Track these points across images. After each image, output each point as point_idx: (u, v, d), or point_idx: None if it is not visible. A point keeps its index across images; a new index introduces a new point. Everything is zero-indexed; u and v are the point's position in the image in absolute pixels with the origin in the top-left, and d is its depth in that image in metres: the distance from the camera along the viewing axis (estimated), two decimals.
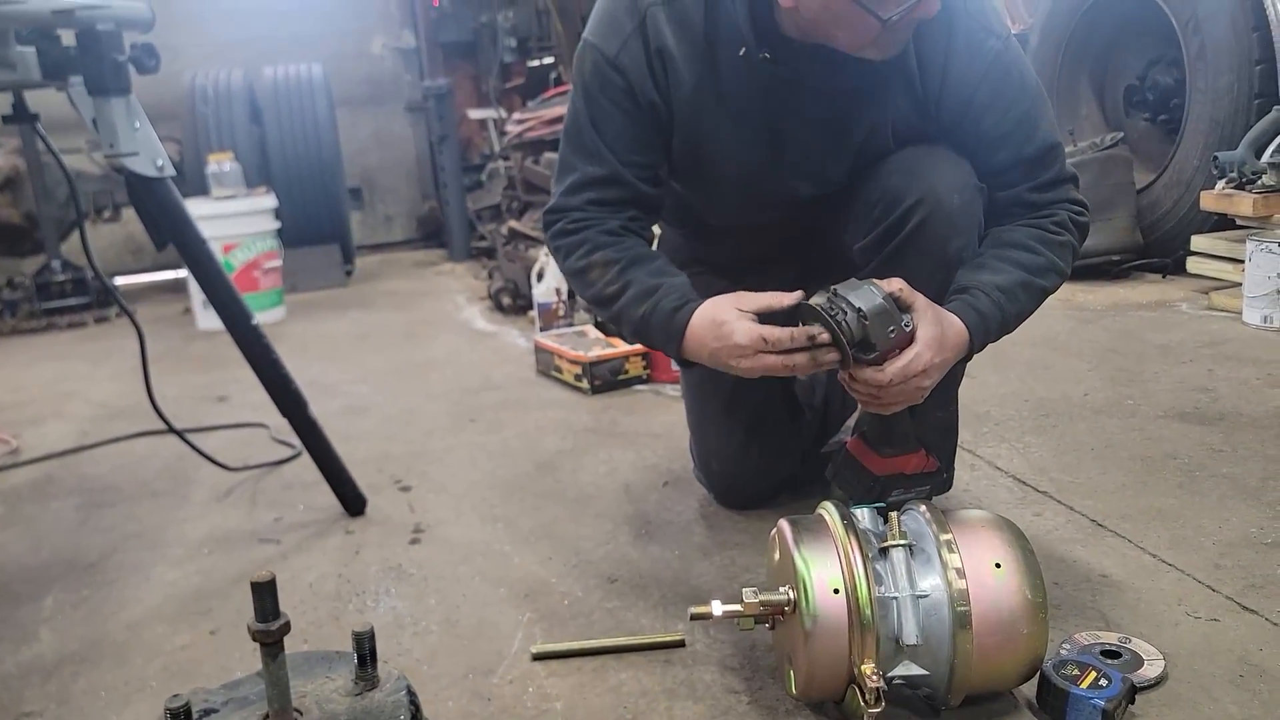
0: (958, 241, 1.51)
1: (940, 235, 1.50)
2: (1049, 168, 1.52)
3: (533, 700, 1.38)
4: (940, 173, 1.51)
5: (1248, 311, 2.97)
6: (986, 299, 1.45)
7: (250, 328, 1.97)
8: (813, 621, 1.19)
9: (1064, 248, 1.51)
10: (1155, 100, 4.01)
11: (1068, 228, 1.52)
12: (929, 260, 1.51)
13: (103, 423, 2.95)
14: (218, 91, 5.13)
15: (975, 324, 1.44)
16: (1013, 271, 1.47)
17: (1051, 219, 1.51)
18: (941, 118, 1.52)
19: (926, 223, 1.49)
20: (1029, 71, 1.52)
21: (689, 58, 1.51)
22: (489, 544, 1.91)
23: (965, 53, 1.46)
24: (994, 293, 1.45)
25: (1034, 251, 1.49)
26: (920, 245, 1.51)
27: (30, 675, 1.57)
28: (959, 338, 1.43)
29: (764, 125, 1.55)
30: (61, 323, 4.71)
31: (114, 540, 2.07)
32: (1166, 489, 1.89)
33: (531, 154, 4.51)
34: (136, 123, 1.81)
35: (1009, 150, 1.51)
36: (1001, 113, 1.49)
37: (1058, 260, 1.50)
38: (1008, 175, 1.52)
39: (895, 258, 1.53)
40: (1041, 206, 1.52)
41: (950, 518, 1.27)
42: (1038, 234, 1.50)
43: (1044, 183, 1.52)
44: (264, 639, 0.97)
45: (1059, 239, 1.50)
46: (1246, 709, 1.24)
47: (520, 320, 3.97)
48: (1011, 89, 1.49)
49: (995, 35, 1.47)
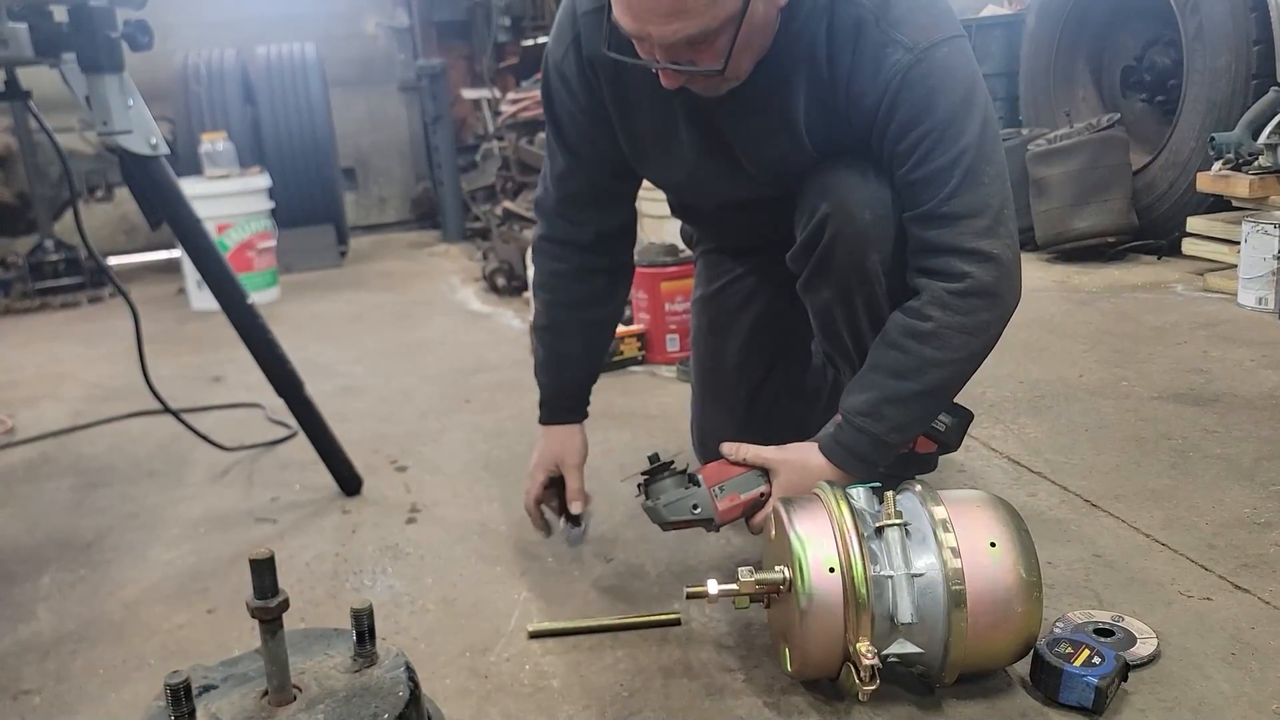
0: (874, 256, 1.47)
1: (854, 249, 1.47)
2: (941, 197, 1.35)
3: (529, 678, 1.39)
4: (851, 188, 1.45)
5: (1243, 293, 2.98)
6: (851, 430, 1.43)
7: (246, 307, 1.97)
8: (808, 600, 1.19)
9: (936, 336, 1.37)
10: (1152, 81, 4.01)
11: (941, 305, 1.37)
12: (849, 274, 1.50)
13: (97, 403, 2.95)
14: (211, 71, 5.10)
15: (844, 460, 1.43)
16: (878, 384, 1.41)
17: (923, 298, 1.39)
18: (856, 128, 1.42)
19: (839, 237, 1.47)
20: (948, 90, 1.34)
21: (612, 66, 1.49)
22: (485, 524, 1.91)
23: (869, 64, 1.36)
24: (857, 419, 1.42)
25: (903, 350, 1.40)
26: (837, 259, 1.50)
27: (28, 653, 1.57)
28: (828, 476, 1.42)
29: (689, 132, 1.53)
30: (55, 303, 4.69)
31: (110, 520, 2.07)
32: (1160, 469, 1.90)
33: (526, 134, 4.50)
34: (130, 100, 1.80)
35: (902, 172, 1.39)
36: (901, 130, 1.36)
37: (934, 353, 1.38)
38: (903, 197, 1.41)
39: (819, 269, 1.54)
40: (925, 249, 1.40)
41: (945, 497, 1.27)
42: (907, 326, 1.40)
43: (930, 214, 1.37)
44: (263, 616, 0.97)
45: (926, 327, 1.37)
46: (1238, 686, 1.25)
47: (515, 301, 3.96)
48: (914, 106, 1.34)
49: (905, 48, 1.34)
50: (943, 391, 1.45)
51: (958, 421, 1.59)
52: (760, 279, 1.85)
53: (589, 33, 1.50)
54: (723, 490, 1.50)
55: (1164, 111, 3.93)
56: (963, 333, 1.38)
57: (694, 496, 1.50)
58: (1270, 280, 2.89)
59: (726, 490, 1.50)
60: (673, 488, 1.51)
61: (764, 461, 1.49)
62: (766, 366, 1.86)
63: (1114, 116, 3.77)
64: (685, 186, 1.66)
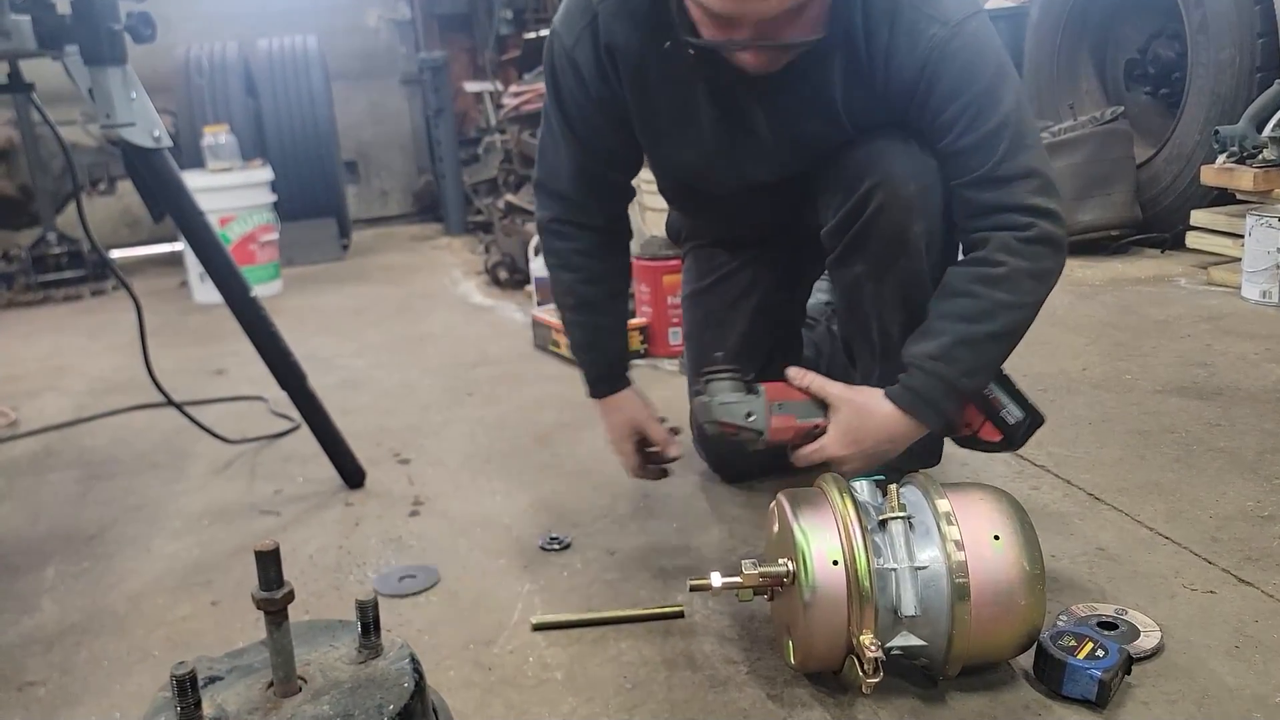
0: (917, 227, 1.49)
1: (898, 221, 1.49)
2: (994, 161, 1.40)
3: (533, 670, 1.39)
4: (896, 159, 1.48)
5: (1246, 286, 2.97)
6: (921, 375, 1.43)
7: (249, 300, 1.97)
8: (812, 593, 1.19)
9: (1008, 280, 1.41)
10: (1156, 74, 3.99)
11: (1011, 252, 1.40)
12: (891, 247, 1.51)
13: (100, 396, 2.95)
14: (212, 64, 5.09)
15: (912, 403, 1.43)
16: (950, 329, 1.42)
17: (988, 247, 1.42)
18: (894, 104, 1.46)
19: (884, 209, 1.49)
20: (984, 60, 1.41)
21: (636, 52, 1.51)
22: (488, 516, 1.91)
23: (906, 40, 1.40)
24: (928, 363, 1.42)
25: (973, 296, 1.42)
26: (879, 231, 1.51)
27: (32, 645, 1.57)
28: (891, 426, 1.44)
29: (710, 114, 1.55)
30: (58, 296, 4.69)
31: (113, 512, 2.08)
32: (1164, 463, 1.90)
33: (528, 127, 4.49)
34: (133, 93, 1.80)
35: (950, 141, 1.43)
36: (944, 101, 1.41)
37: (1006, 296, 1.41)
38: (950, 166, 1.45)
39: (856, 243, 1.55)
40: (982, 211, 1.43)
41: (949, 490, 1.27)
42: (976, 273, 1.43)
43: (985, 178, 1.41)
44: (268, 607, 0.97)
45: (998, 272, 1.41)
46: (1242, 679, 1.25)
47: (517, 294, 3.96)
48: (954, 77, 1.39)
49: (940, 22, 1.38)
50: (1012, 336, 1.45)
51: (1029, 420, 1.53)
52: (757, 272, 1.86)
53: (609, 19, 1.51)
54: (782, 408, 1.47)
55: (1168, 105, 3.92)
56: (1031, 278, 1.42)
57: (750, 404, 1.47)
58: (1274, 274, 2.88)
59: (786, 410, 1.48)
60: (730, 390, 1.48)
61: (827, 395, 1.48)
62: (765, 357, 1.86)
63: (1118, 110, 3.76)
64: (700, 170, 1.65)
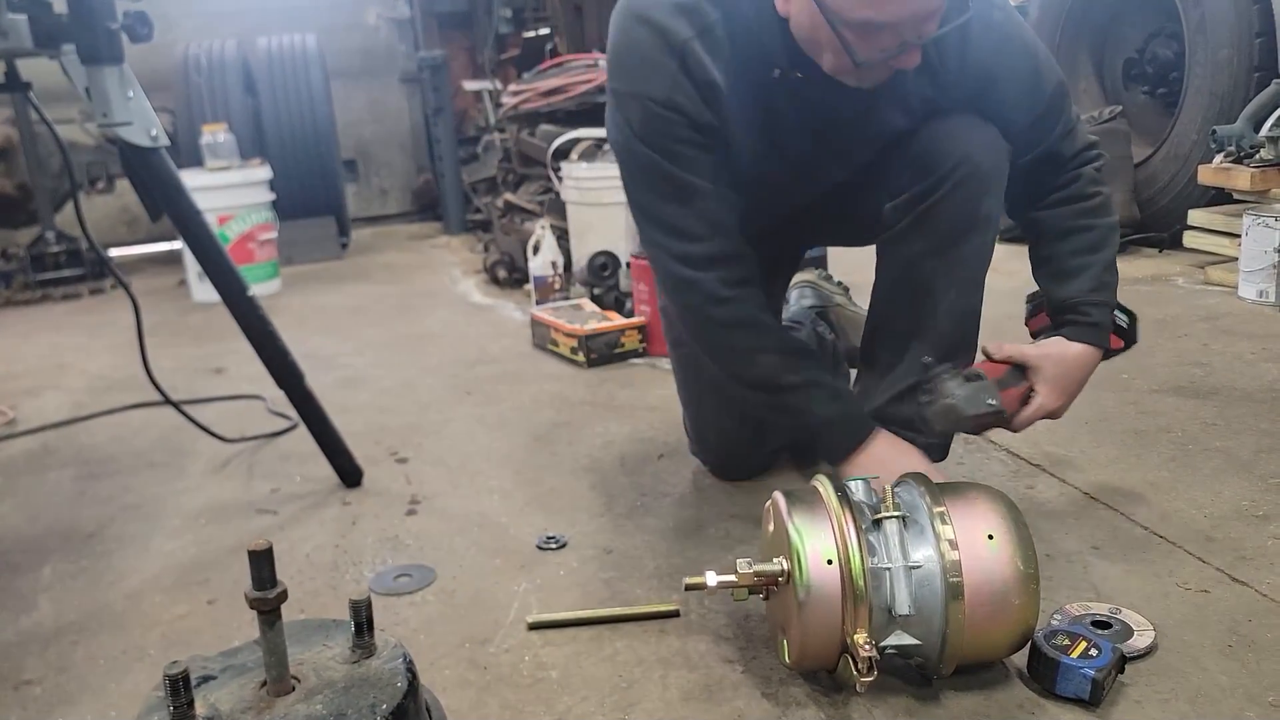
0: (989, 201, 1.62)
1: (974, 195, 1.61)
2: (1062, 113, 1.63)
3: (529, 669, 1.39)
4: (973, 137, 1.60)
5: (1243, 286, 2.98)
6: (1090, 307, 1.61)
7: (246, 299, 1.97)
8: (806, 592, 1.20)
9: (1104, 205, 1.64)
10: (1154, 73, 3.99)
11: (1096, 182, 1.64)
12: (961, 220, 1.62)
13: (99, 394, 2.95)
14: (211, 62, 5.08)
15: (1096, 337, 1.61)
16: (1090, 262, 1.61)
17: (1079, 184, 1.63)
18: (964, 91, 1.59)
19: (963, 184, 1.59)
20: (1024, 26, 1.64)
21: (728, 87, 1.54)
22: (485, 515, 1.91)
23: (980, 32, 1.52)
24: (1091, 296, 1.61)
25: (1089, 229, 1.63)
26: (954, 205, 1.61)
27: (29, 644, 1.58)
28: (1087, 362, 1.61)
29: (801, 135, 1.63)
30: (56, 294, 4.69)
31: (111, 511, 2.08)
32: (1159, 462, 1.90)
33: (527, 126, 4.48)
34: (130, 92, 1.80)
35: (1024, 110, 1.60)
36: (1014, 78, 1.59)
37: (1109, 219, 1.64)
38: (1029, 135, 1.62)
39: (926, 216, 1.63)
40: (1068, 158, 1.63)
41: (943, 490, 1.27)
42: (1080, 208, 1.63)
43: (1063, 133, 1.63)
44: (261, 607, 0.98)
45: (1095, 201, 1.63)
46: (1235, 679, 1.25)
47: (516, 293, 3.96)
48: (1017, 53, 1.59)
49: (996, 6, 1.56)
50: (1117, 249, 1.66)
51: (1133, 316, 1.69)
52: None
53: (698, 60, 1.50)
54: (1001, 384, 1.53)
55: (1165, 104, 3.92)
56: (1111, 202, 1.67)
57: (985, 390, 1.51)
58: (1271, 273, 2.88)
59: (1003, 384, 1.54)
60: (957, 386, 1.51)
61: (1025, 358, 1.60)
62: None
63: (1116, 109, 3.76)
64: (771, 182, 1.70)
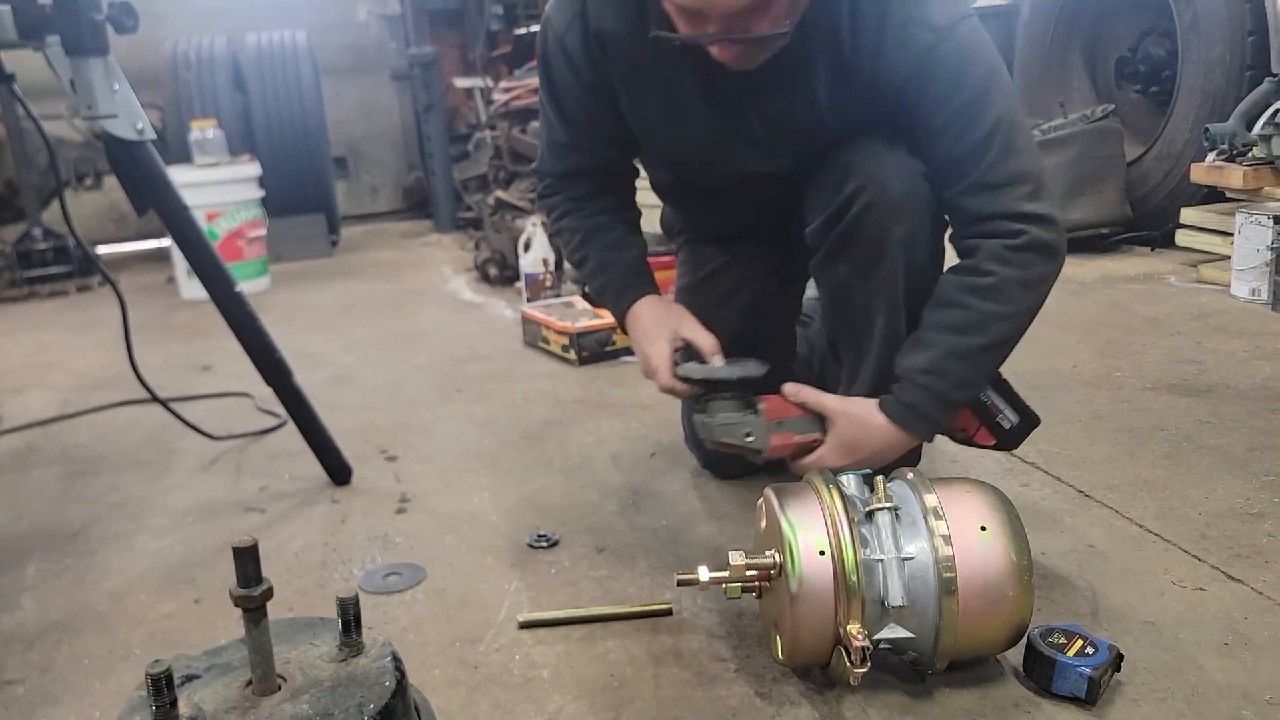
0: (900, 229, 1.49)
1: (882, 222, 1.49)
2: (983, 168, 1.38)
3: (520, 668, 1.38)
4: (882, 161, 1.48)
5: (1236, 284, 2.98)
6: (913, 388, 1.44)
7: (234, 295, 1.95)
8: (798, 583, 1.18)
9: (997, 290, 1.39)
10: (1147, 72, 4.00)
11: (1000, 260, 1.39)
12: (874, 248, 1.51)
13: (85, 392, 2.92)
14: (200, 58, 5.06)
15: (905, 417, 1.45)
16: (941, 341, 1.43)
17: (981, 255, 1.41)
18: (881, 105, 1.45)
19: (868, 210, 1.49)
20: (974, 66, 1.39)
21: (624, 40, 1.52)
22: (475, 514, 1.90)
23: (895, 43, 1.39)
24: (920, 377, 1.43)
25: (964, 307, 1.42)
26: (863, 232, 1.51)
27: (12, 643, 1.55)
28: (886, 437, 1.46)
29: (700, 105, 1.55)
30: (43, 291, 4.65)
31: (97, 509, 2.06)
32: (1154, 460, 1.89)
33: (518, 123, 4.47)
34: (115, 84, 1.78)
35: (942, 148, 1.41)
36: (934, 108, 1.39)
37: (996, 306, 1.40)
38: (943, 174, 1.44)
39: (840, 244, 1.55)
40: (973, 218, 1.42)
41: (936, 484, 1.26)
42: (966, 283, 1.42)
43: (975, 185, 1.40)
44: (246, 604, 0.96)
45: (987, 282, 1.40)
46: (1231, 676, 1.24)
47: (507, 291, 3.94)
48: (944, 84, 1.38)
49: (930, 28, 1.37)
50: (1003, 346, 1.46)
51: (1023, 423, 1.55)
52: (746, 267, 1.84)
53: (597, 6, 1.52)
54: (780, 426, 1.50)
55: (1158, 102, 3.93)
56: (1021, 286, 1.41)
57: (750, 424, 1.50)
58: (1263, 271, 2.88)
59: (784, 427, 1.51)
60: (731, 410, 1.51)
61: (823, 409, 1.50)
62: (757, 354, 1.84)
63: (1108, 107, 3.76)
64: (691, 161, 1.66)
